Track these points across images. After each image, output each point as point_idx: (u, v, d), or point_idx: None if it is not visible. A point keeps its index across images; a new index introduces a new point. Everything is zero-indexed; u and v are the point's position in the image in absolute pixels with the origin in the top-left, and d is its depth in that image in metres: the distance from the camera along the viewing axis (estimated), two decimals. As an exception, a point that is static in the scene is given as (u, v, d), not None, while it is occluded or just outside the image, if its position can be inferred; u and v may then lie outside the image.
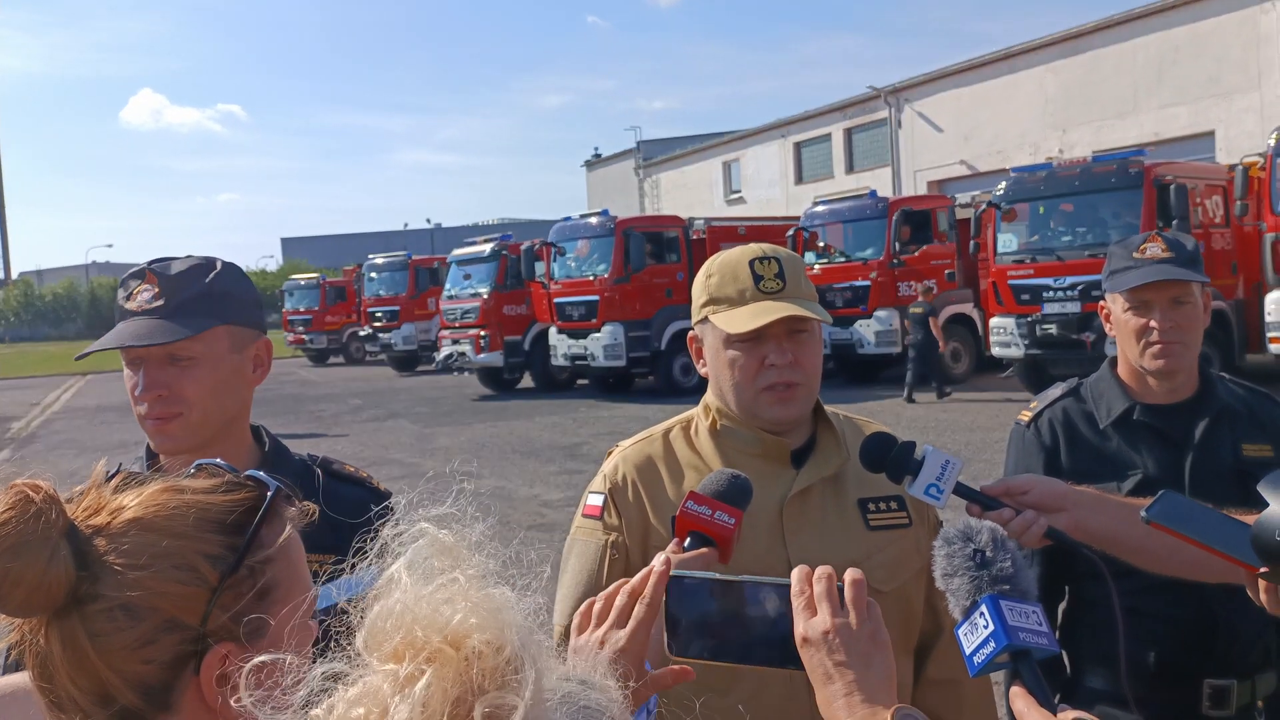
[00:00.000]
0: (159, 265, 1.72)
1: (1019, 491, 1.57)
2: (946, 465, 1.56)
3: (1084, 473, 2.20)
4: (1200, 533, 1.34)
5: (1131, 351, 2.33)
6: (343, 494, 1.85)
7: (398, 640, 0.69)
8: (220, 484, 0.97)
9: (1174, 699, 2.22)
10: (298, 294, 37.92)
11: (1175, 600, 2.18)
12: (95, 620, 0.89)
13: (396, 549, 0.80)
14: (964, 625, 1.20)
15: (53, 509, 0.90)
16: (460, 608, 0.71)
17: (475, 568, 0.77)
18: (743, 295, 1.78)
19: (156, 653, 0.90)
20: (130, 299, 1.69)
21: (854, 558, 1.77)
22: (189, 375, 1.69)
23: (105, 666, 0.89)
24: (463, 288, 24.13)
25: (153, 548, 0.91)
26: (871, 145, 36.20)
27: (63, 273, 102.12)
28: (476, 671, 0.68)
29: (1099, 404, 2.39)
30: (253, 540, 0.95)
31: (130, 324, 1.67)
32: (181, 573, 0.91)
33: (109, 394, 26.39)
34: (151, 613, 0.90)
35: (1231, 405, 2.34)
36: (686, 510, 1.40)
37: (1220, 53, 25.20)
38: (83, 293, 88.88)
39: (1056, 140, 28.62)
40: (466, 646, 0.68)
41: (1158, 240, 2.31)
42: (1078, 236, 15.69)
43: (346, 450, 14.97)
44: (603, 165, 54.28)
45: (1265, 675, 2.27)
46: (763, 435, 1.83)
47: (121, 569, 0.90)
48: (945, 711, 1.89)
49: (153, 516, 0.93)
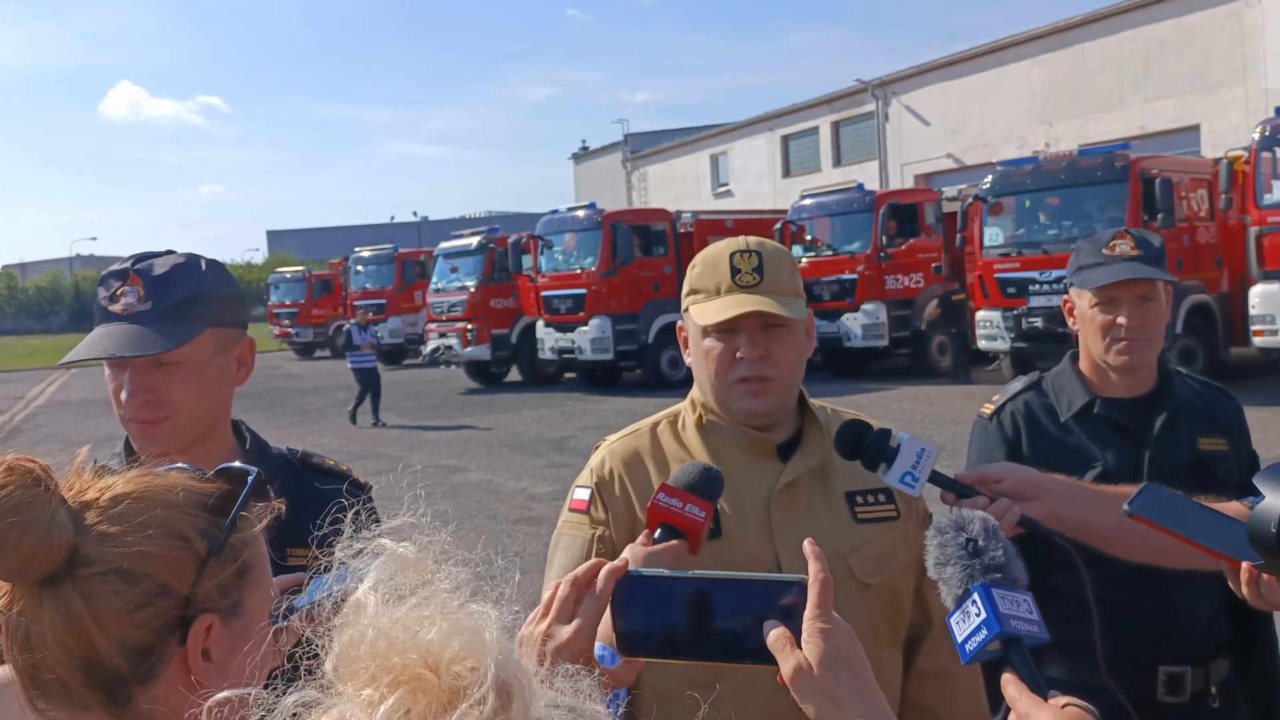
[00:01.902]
0: (142, 265, 1.68)
1: (993, 480, 1.58)
2: (922, 453, 1.57)
3: (1045, 465, 2.23)
4: (1183, 527, 1.35)
5: (1096, 347, 2.36)
6: (324, 486, 1.85)
7: (374, 667, 0.64)
8: (198, 474, 1.02)
9: (1130, 687, 2.25)
10: (284, 287, 37.77)
11: (1136, 589, 2.22)
12: (91, 583, 0.91)
13: (355, 566, 0.76)
14: (956, 614, 1.21)
15: (50, 479, 0.93)
16: (438, 628, 0.66)
17: (447, 581, 0.72)
18: (719, 288, 1.79)
19: (147, 617, 0.93)
20: (114, 300, 1.66)
21: (842, 550, 1.78)
22: (176, 379, 1.66)
23: (98, 629, 0.91)
24: (449, 281, 24.08)
25: (146, 514, 0.94)
26: (859, 138, 36.24)
27: (46, 265, 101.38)
28: (459, 697, 0.63)
29: (1060, 397, 2.42)
30: (237, 517, 0.99)
31: (115, 329, 1.64)
32: (174, 540, 0.95)
33: (93, 388, 26.26)
34: (145, 577, 0.93)
35: (1188, 400, 2.39)
36: (657, 502, 1.40)
37: (1206, 47, 25.32)
38: (67, 286, 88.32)
39: (1043, 134, 28.71)
40: (448, 672, 0.63)
41: (1126, 238, 2.33)
42: (1063, 230, 15.74)
43: (333, 444, 14.94)
44: (590, 158, 54.23)
45: (1218, 662, 2.32)
46: (747, 430, 1.83)
47: (116, 533, 0.93)
48: (936, 703, 1.90)
49: (143, 490, 0.96)
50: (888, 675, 1.85)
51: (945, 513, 1.30)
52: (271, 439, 1.95)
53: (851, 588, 1.78)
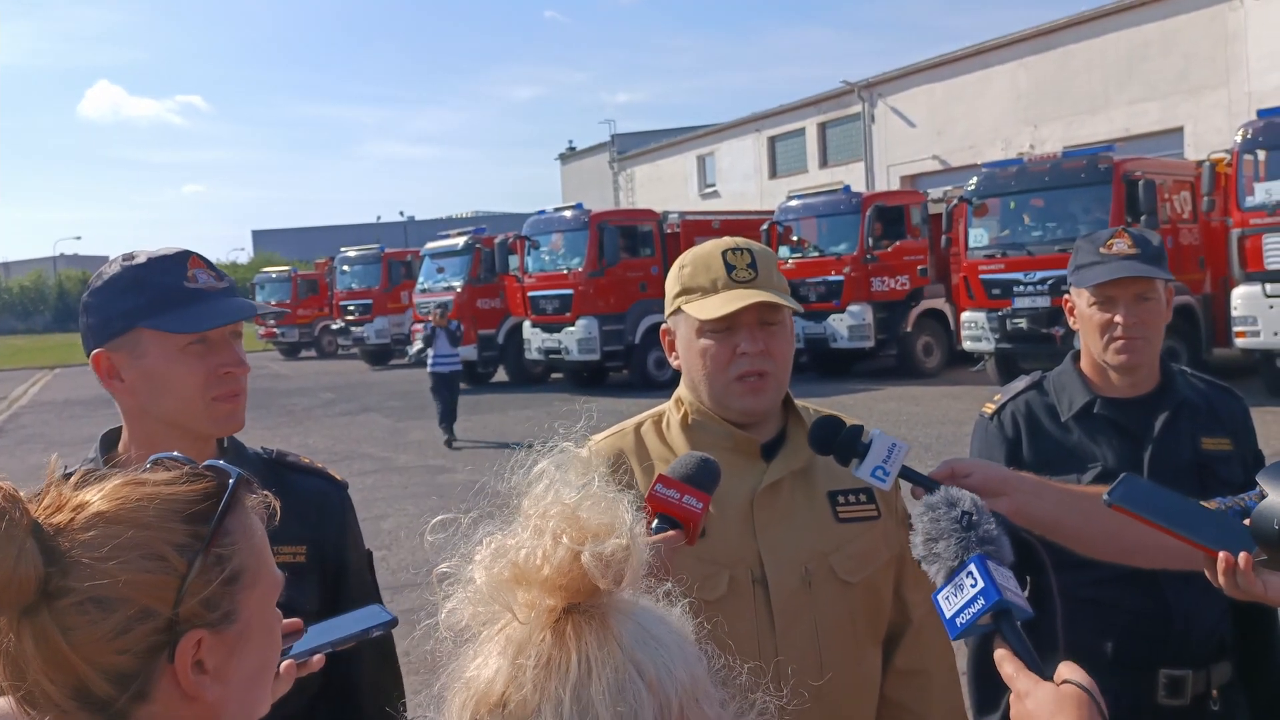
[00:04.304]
0: (193, 253, 1.75)
1: (962, 475, 1.60)
2: (893, 448, 1.59)
3: (1045, 464, 2.24)
4: (1162, 517, 1.35)
5: (1095, 346, 2.36)
6: (302, 485, 1.86)
7: (540, 513, 0.91)
8: (180, 475, 0.98)
9: (1130, 688, 2.25)
10: (269, 287, 37.57)
11: (1133, 591, 2.22)
12: (66, 615, 0.89)
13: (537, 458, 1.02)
14: (945, 589, 1.22)
15: (15, 508, 0.89)
16: (591, 503, 0.92)
17: (598, 480, 0.97)
18: (715, 284, 1.80)
19: (130, 643, 0.90)
20: (192, 280, 1.69)
21: (823, 549, 1.80)
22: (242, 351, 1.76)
23: (80, 660, 0.89)
24: (436, 281, 24.04)
25: (118, 539, 0.91)
26: (845, 140, 36.30)
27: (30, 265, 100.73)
28: (603, 538, 0.88)
29: (1061, 397, 2.41)
30: (218, 527, 0.96)
31: (216, 302, 1.69)
32: (150, 562, 0.92)
33: (77, 388, 26.12)
34: (123, 603, 0.90)
35: (1191, 399, 2.37)
36: (655, 493, 1.41)
37: (1189, 49, 25.45)
38: (51, 285, 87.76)
39: (1028, 135, 28.82)
40: (592, 527, 0.89)
41: (1124, 236, 2.33)
42: (1048, 231, 15.82)
43: (319, 445, 14.90)
44: (577, 159, 54.19)
45: (1220, 665, 2.30)
46: (733, 430, 1.84)
47: (90, 562, 0.90)
48: (913, 701, 1.91)
49: (116, 510, 0.93)
50: (867, 673, 1.87)
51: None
52: (257, 440, 1.96)
53: (833, 586, 1.80)
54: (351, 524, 1.94)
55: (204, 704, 0.94)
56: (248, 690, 0.99)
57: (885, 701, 1.91)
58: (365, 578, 1.96)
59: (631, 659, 0.83)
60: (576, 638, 0.84)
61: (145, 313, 1.65)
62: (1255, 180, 13.97)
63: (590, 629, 0.85)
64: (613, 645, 0.84)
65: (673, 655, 0.86)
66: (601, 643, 0.84)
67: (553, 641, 0.85)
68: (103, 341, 1.68)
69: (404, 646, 1.89)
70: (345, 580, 1.89)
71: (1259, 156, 13.97)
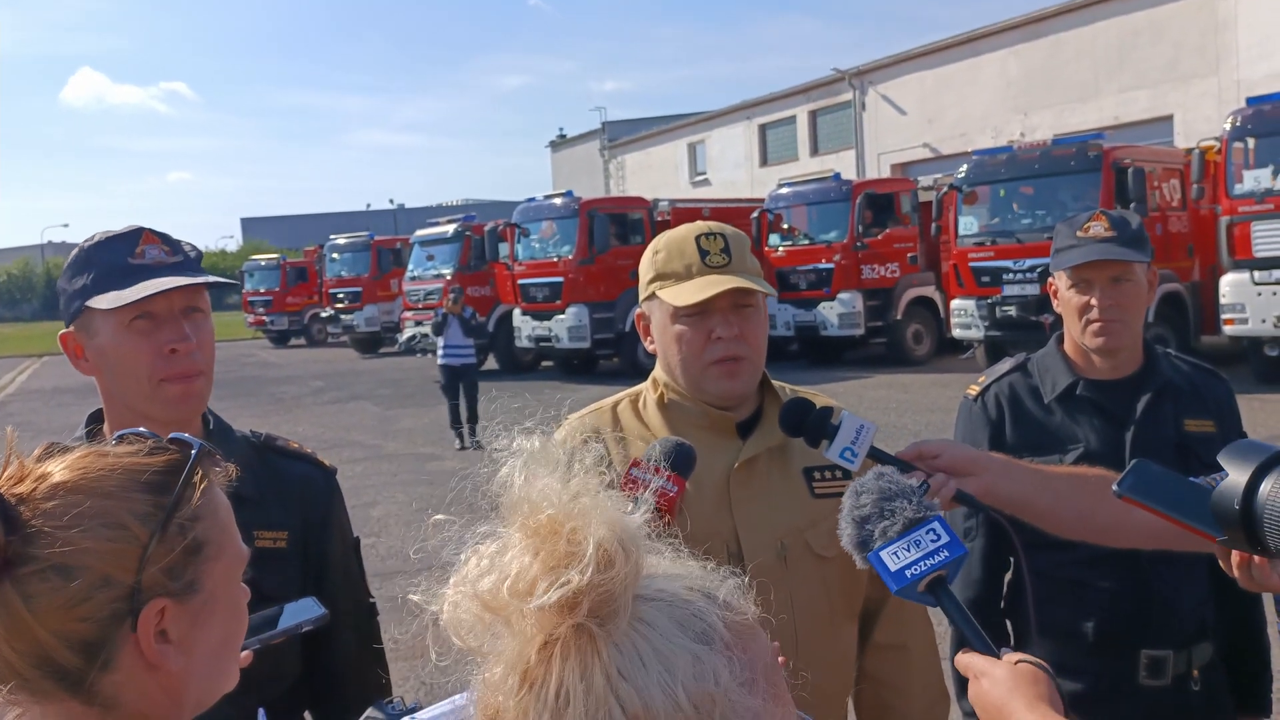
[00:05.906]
0: (149, 230, 1.71)
1: (930, 455, 1.61)
2: (861, 430, 1.60)
3: (1028, 446, 2.26)
4: (1174, 508, 1.30)
5: (1074, 328, 2.37)
6: (288, 469, 1.85)
7: (520, 520, 0.87)
8: (144, 448, 0.98)
9: (1110, 669, 2.27)
10: (258, 275, 37.46)
11: (1115, 572, 2.23)
12: (28, 582, 0.90)
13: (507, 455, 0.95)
14: (897, 544, 1.25)
15: None
16: (560, 503, 0.86)
17: (574, 472, 0.91)
18: (689, 270, 1.81)
19: (91, 610, 0.91)
20: (138, 256, 1.66)
21: (799, 525, 1.81)
22: (205, 330, 1.70)
23: (41, 627, 0.90)
24: (426, 269, 23.99)
25: (80, 508, 0.92)
26: (836, 128, 36.28)
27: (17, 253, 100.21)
28: (573, 559, 0.82)
29: (1044, 379, 2.42)
30: (180, 497, 0.96)
31: (160, 278, 1.64)
32: (111, 530, 0.92)
33: (65, 376, 26.00)
34: (84, 571, 0.91)
35: (1174, 381, 2.38)
36: (630, 476, 1.41)
37: (1179, 38, 25.48)
38: (38, 273, 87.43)
39: (1018, 123, 28.83)
40: (566, 533, 0.83)
41: (1101, 219, 2.34)
42: (1037, 219, 15.85)
43: (308, 432, 14.87)
44: (568, 146, 54.04)
45: (1201, 646, 2.32)
46: (708, 409, 1.85)
47: (51, 530, 0.91)
48: (892, 675, 1.94)
49: (78, 480, 0.94)
50: (844, 648, 1.89)
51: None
52: (244, 428, 1.94)
53: (809, 562, 1.81)
54: (337, 510, 1.93)
55: (168, 673, 0.95)
56: (212, 662, 1.00)
57: (865, 675, 1.93)
58: (349, 566, 1.94)
59: (615, 692, 0.78)
60: (563, 660, 0.81)
61: (90, 291, 1.65)
62: (1244, 168, 14.03)
63: (576, 652, 0.80)
64: (595, 676, 0.79)
65: (672, 676, 0.79)
66: (584, 672, 0.79)
67: (536, 662, 0.82)
68: (68, 323, 1.71)
69: (393, 634, 1.88)
70: (327, 568, 1.88)
71: (1248, 144, 14.02)
